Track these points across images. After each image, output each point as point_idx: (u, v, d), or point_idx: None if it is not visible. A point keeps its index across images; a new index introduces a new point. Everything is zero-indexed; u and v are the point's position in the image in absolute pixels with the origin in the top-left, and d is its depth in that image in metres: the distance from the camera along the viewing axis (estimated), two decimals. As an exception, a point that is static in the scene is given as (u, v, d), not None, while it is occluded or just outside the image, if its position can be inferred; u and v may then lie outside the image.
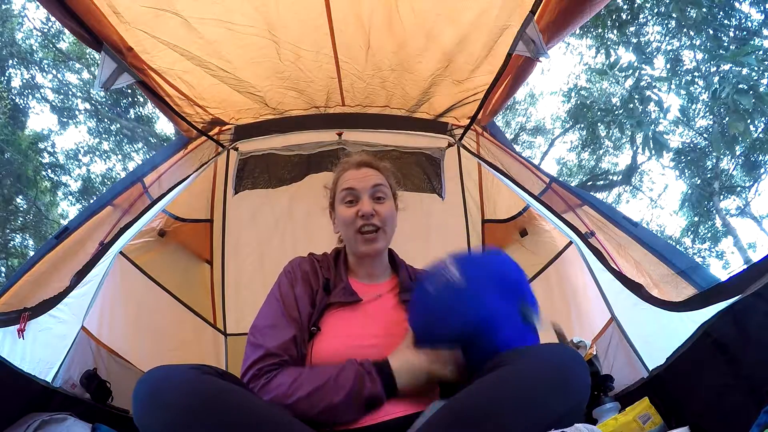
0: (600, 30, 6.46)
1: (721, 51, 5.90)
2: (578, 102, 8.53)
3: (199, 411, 0.73)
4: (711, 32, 6.17)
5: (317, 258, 1.21)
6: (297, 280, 1.11)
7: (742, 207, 9.17)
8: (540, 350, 0.86)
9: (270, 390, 0.91)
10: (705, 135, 7.76)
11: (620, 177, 10.17)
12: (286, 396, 0.89)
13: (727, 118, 5.56)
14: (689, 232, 9.74)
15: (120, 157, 10.04)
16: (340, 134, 2.20)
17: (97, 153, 9.79)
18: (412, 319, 1.04)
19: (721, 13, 6.23)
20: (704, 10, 5.81)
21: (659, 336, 1.39)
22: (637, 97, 6.46)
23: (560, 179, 1.95)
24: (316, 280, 1.13)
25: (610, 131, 8.50)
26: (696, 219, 9.26)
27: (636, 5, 6.34)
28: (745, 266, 1.16)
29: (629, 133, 7.21)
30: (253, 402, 0.81)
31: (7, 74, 8.15)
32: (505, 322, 0.95)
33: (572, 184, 6.04)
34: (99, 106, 9.27)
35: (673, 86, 6.88)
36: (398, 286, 1.18)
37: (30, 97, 8.73)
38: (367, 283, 1.19)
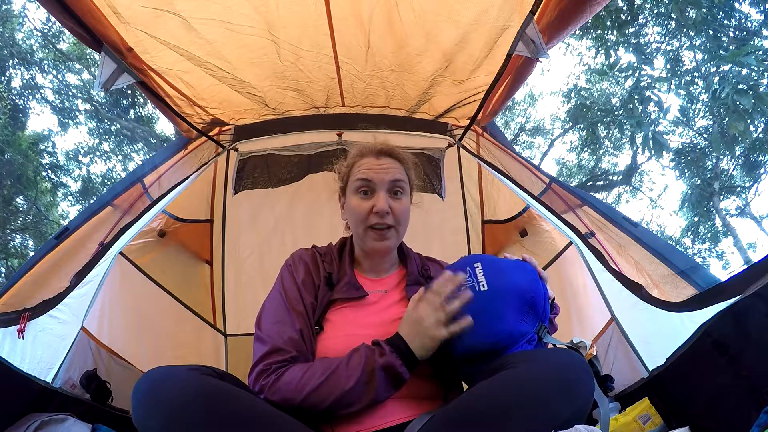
0: (600, 30, 6.46)
1: (721, 51, 5.91)
2: (578, 102, 8.53)
3: (198, 412, 0.73)
4: (711, 32, 6.17)
5: (320, 251, 1.17)
6: (299, 273, 1.07)
7: (742, 207, 9.18)
8: (544, 354, 0.85)
9: (280, 387, 0.89)
10: (705, 135, 7.77)
11: (620, 177, 10.18)
12: (297, 391, 0.87)
13: (726, 119, 5.57)
14: (689, 233, 9.75)
15: (120, 157, 10.06)
16: (340, 135, 2.20)
17: (97, 153, 9.82)
18: None
19: (721, 13, 6.24)
20: (704, 10, 5.81)
21: (659, 336, 1.39)
22: (636, 97, 6.47)
23: (560, 179, 1.95)
24: (317, 273, 1.09)
25: (610, 131, 8.51)
26: (696, 219, 9.27)
27: (636, 6, 6.34)
28: (745, 266, 1.15)
29: (629, 134, 7.21)
30: (253, 403, 0.80)
31: (7, 75, 8.16)
32: (520, 343, 0.93)
33: (572, 185, 6.04)
34: (99, 107, 9.27)
35: (672, 86, 6.89)
36: (405, 278, 1.14)
37: (30, 97, 8.75)
38: (373, 278, 1.15)
